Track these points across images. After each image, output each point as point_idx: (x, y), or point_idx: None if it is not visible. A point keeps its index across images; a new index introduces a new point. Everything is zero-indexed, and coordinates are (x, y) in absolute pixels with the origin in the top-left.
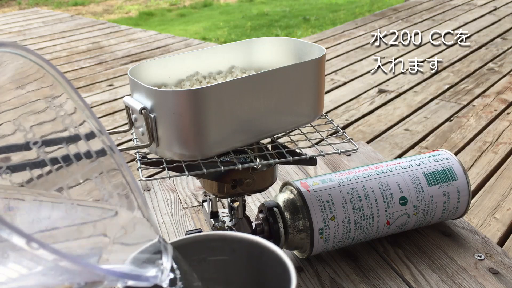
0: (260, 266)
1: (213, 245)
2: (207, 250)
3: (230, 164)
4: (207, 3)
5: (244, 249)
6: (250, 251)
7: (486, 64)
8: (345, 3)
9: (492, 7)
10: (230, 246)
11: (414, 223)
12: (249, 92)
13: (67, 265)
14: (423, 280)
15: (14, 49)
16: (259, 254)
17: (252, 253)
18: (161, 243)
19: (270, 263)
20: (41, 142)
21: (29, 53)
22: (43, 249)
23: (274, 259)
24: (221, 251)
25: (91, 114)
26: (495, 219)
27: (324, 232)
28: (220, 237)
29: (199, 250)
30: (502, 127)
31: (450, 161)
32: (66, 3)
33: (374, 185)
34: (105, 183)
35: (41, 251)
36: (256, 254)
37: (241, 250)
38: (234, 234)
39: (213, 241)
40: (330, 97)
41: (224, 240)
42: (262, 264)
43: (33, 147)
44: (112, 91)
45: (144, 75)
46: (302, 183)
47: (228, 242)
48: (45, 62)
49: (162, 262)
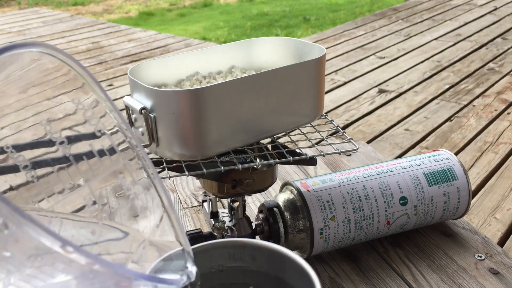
0: (282, 275)
1: (232, 252)
2: (226, 257)
3: (230, 164)
4: (207, 3)
5: (264, 257)
6: (271, 259)
7: (487, 64)
8: (345, 3)
9: (492, 7)
10: (250, 253)
11: (414, 223)
12: (249, 92)
13: (100, 268)
14: (423, 280)
15: (45, 49)
16: (280, 264)
17: (273, 262)
18: (185, 249)
19: (293, 273)
20: (67, 141)
21: (59, 52)
22: (77, 253)
23: (296, 270)
24: (241, 259)
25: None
26: (496, 219)
27: (324, 232)
28: (240, 244)
29: (217, 257)
30: (503, 127)
31: (451, 161)
32: (66, 3)
33: (374, 185)
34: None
35: (75, 255)
36: (277, 263)
37: (262, 259)
38: (254, 242)
39: (232, 248)
40: (330, 97)
41: (244, 247)
42: (284, 274)
43: (60, 147)
44: (112, 91)
45: (144, 75)
46: (302, 183)
47: (248, 250)
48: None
49: (187, 267)
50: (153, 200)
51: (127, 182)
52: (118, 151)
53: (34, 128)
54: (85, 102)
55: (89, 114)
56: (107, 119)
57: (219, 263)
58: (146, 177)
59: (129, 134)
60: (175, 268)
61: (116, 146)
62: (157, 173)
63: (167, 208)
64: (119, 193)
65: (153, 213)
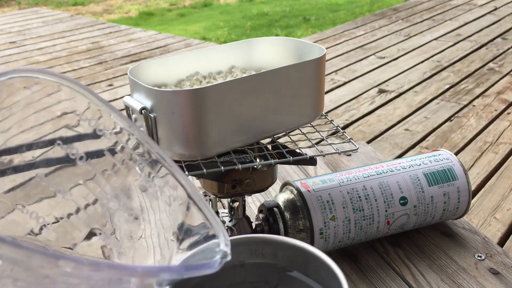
0: (305, 272)
1: (255, 248)
2: (247, 253)
3: (230, 164)
4: (207, 3)
5: (287, 254)
6: (294, 256)
7: (487, 64)
8: (345, 3)
9: (492, 7)
10: (272, 250)
11: (414, 223)
12: (249, 92)
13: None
14: (423, 280)
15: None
16: (304, 260)
17: (296, 258)
18: (216, 228)
19: (316, 270)
20: (86, 156)
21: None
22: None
23: (321, 267)
24: (263, 254)
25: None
26: (496, 219)
27: (324, 232)
28: (262, 240)
29: (239, 253)
30: (503, 127)
31: (451, 161)
32: (66, 3)
33: (374, 185)
34: None
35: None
36: (300, 260)
37: (284, 255)
38: (277, 238)
39: (254, 244)
40: (330, 97)
41: (266, 244)
42: (308, 271)
43: (80, 162)
44: (112, 91)
45: (144, 75)
46: (302, 183)
47: (271, 246)
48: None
49: (220, 248)
50: (177, 189)
51: (146, 178)
52: (128, 148)
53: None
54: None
55: (92, 123)
56: (106, 120)
57: (240, 260)
58: (166, 171)
59: (135, 130)
60: (208, 256)
61: (125, 144)
62: (174, 162)
63: (191, 194)
64: (142, 190)
65: (179, 201)
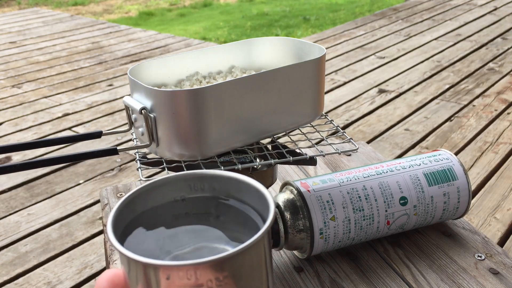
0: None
1: (193, 184)
2: (187, 189)
3: (230, 164)
4: (207, 3)
5: (223, 186)
6: (229, 186)
7: (487, 64)
8: (345, 3)
9: (492, 7)
10: (209, 184)
11: (414, 223)
12: (249, 92)
13: None
14: (423, 280)
15: None
16: (238, 189)
17: (231, 188)
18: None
19: (250, 197)
20: None
21: None
22: None
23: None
24: (201, 189)
25: None
26: (495, 219)
27: (324, 232)
28: (200, 176)
29: (178, 189)
30: (503, 127)
31: (450, 161)
32: (66, 3)
33: (374, 185)
34: None
35: None
36: (235, 189)
37: (220, 187)
38: (212, 172)
39: (192, 180)
40: (330, 97)
41: (203, 178)
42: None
43: None
44: (112, 91)
45: (144, 75)
46: (302, 183)
47: (207, 180)
48: None
49: None
50: None
51: None
52: None
53: None
54: None
55: None
56: None
57: (181, 194)
58: None
59: None
60: None
61: None
62: None
63: None
64: None
65: None
